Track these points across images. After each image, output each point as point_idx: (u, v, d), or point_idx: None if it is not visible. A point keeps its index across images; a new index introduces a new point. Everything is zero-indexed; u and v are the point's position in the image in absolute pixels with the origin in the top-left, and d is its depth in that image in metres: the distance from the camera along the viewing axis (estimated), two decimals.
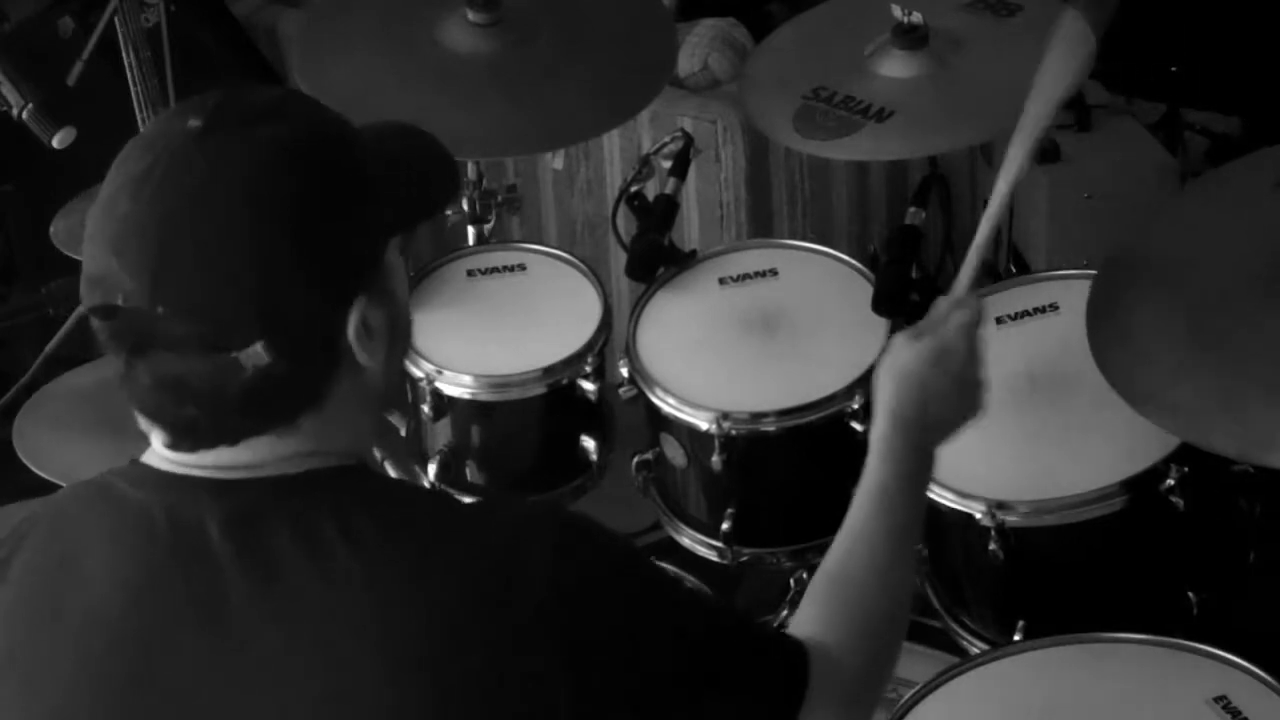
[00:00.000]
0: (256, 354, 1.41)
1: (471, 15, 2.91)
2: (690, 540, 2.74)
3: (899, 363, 1.82)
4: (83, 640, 1.46)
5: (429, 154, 1.58)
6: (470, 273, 2.95)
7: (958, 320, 1.85)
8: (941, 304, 1.87)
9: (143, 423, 1.48)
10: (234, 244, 1.41)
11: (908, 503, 1.77)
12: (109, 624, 1.45)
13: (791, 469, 2.65)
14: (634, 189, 2.87)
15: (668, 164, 2.90)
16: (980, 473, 2.36)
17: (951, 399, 1.83)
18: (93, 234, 1.45)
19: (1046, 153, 3.28)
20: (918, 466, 1.79)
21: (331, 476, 1.48)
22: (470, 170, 3.10)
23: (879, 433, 1.80)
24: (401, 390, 1.54)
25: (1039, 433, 2.40)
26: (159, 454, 1.50)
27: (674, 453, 2.68)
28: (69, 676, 1.46)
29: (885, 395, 1.81)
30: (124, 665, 1.45)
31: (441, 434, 2.82)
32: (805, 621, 1.69)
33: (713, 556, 2.71)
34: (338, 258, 1.44)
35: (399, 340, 1.53)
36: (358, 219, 1.46)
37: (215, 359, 1.41)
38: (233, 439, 1.46)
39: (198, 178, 1.42)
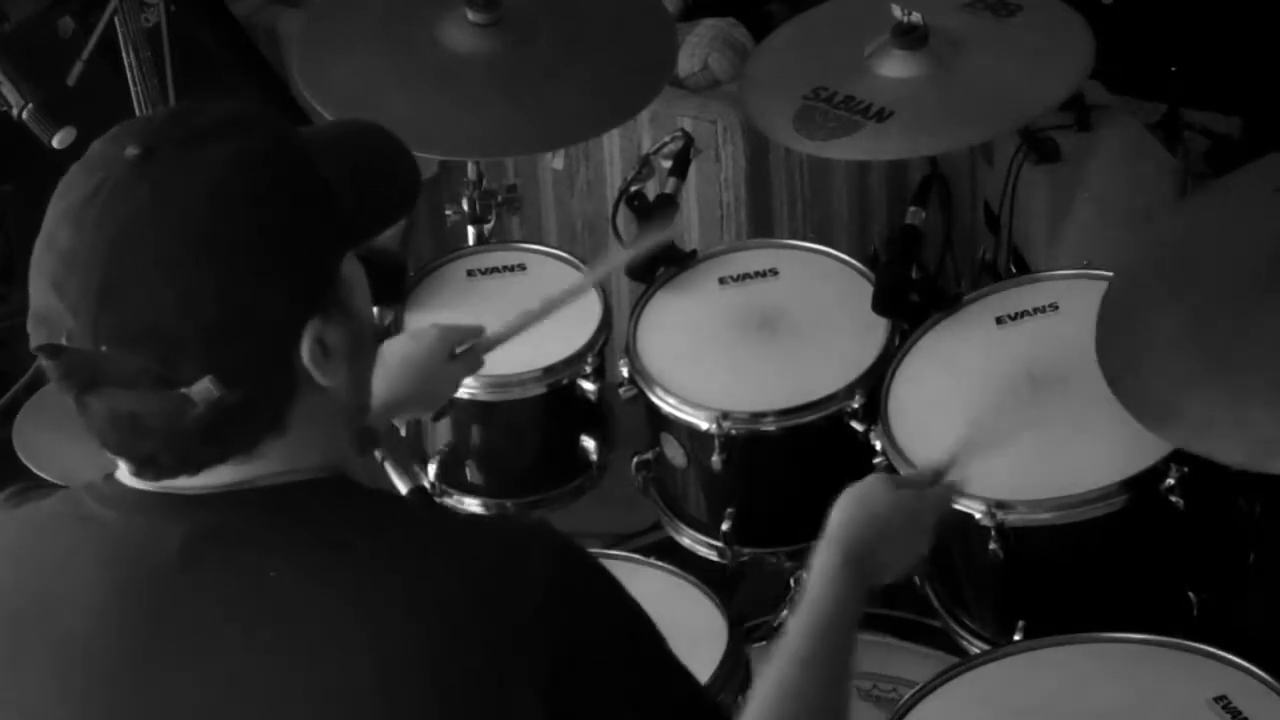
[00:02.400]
0: (206, 388, 1.37)
1: (471, 15, 2.90)
2: (690, 540, 2.74)
3: (870, 501, 1.84)
4: (62, 667, 1.43)
5: (385, 157, 1.51)
6: (470, 273, 2.94)
7: (940, 494, 1.94)
8: (927, 467, 1.97)
9: (108, 454, 1.46)
10: (176, 271, 1.36)
11: (840, 629, 1.74)
12: (87, 650, 1.43)
13: (791, 469, 2.65)
14: (634, 189, 2.87)
15: (668, 164, 2.90)
16: (980, 473, 2.36)
17: (898, 552, 1.85)
18: (35, 269, 1.41)
19: (1047, 152, 3.27)
20: (853, 599, 1.77)
21: (308, 489, 1.46)
22: (470, 170, 3.10)
23: (824, 564, 1.78)
24: (368, 401, 1.50)
25: (1039, 433, 2.40)
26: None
27: (674, 453, 2.68)
28: (53, 704, 1.44)
29: (839, 527, 1.82)
30: (109, 692, 1.42)
31: (441, 434, 2.82)
32: None
33: (713, 556, 2.70)
34: (289, 277, 1.40)
35: (364, 355, 1.49)
36: (309, 233, 1.42)
37: (166, 395, 1.37)
38: (194, 469, 1.43)
39: (140, 205, 1.38)
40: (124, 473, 1.47)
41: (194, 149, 1.40)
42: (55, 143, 2.82)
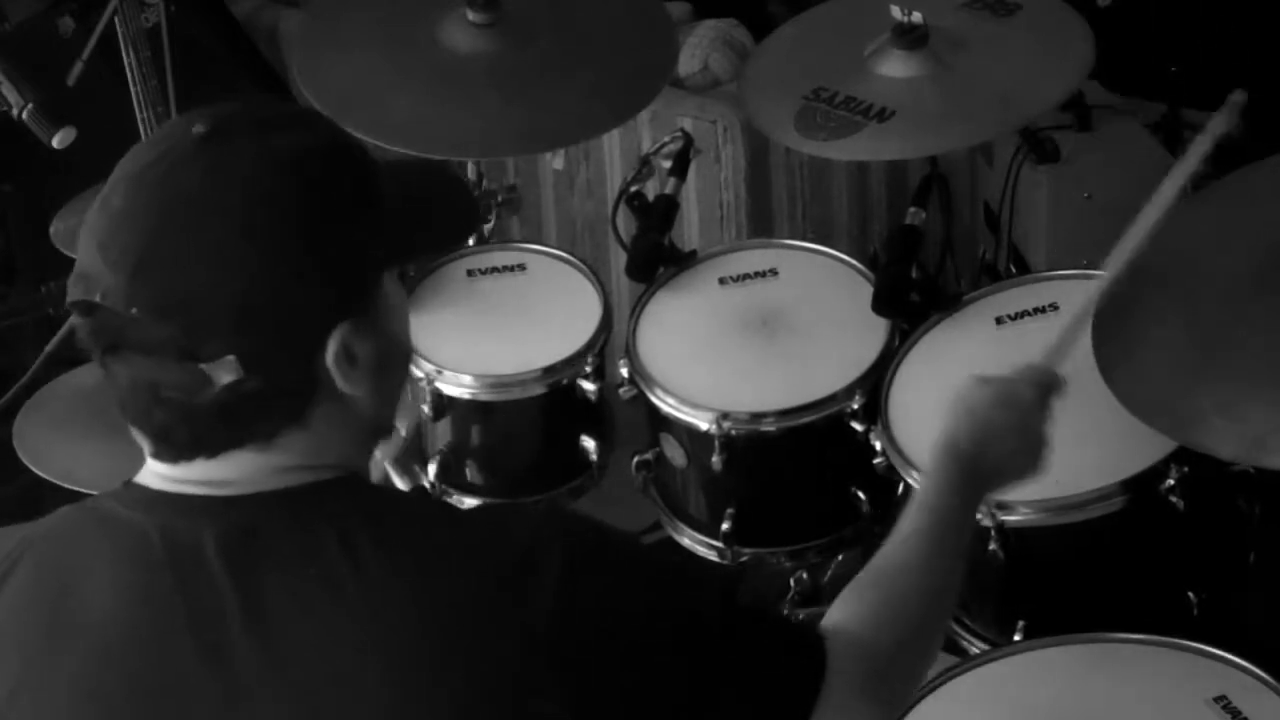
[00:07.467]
0: (227, 367, 1.39)
1: (471, 15, 2.91)
2: (690, 540, 2.74)
3: (966, 399, 1.88)
4: (88, 669, 1.44)
5: (446, 192, 1.56)
6: (470, 273, 2.95)
7: (1032, 375, 1.93)
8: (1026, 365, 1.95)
9: (133, 430, 1.47)
10: (218, 249, 1.39)
11: (948, 520, 1.79)
12: (112, 652, 1.44)
13: (791, 469, 2.65)
14: (634, 189, 2.87)
15: (668, 164, 2.90)
16: None
17: (1010, 444, 1.87)
18: (85, 230, 1.44)
19: (1046, 153, 3.27)
20: (965, 493, 1.82)
21: (325, 489, 1.47)
22: (470, 170, 3.10)
23: (934, 458, 1.84)
24: (392, 418, 1.52)
25: None
26: (152, 470, 1.49)
27: (674, 453, 2.68)
28: (78, 706, 1.44)
29: (947, 426, 1.86)
30: (131, 694, 1.43)
31: (441, 434, 2.82)
32: (833, 610, 1.70)
33: (713, 556, 2.71)
34: (326, 277, 1.42)
35: (391, 373, 1.51)
36: (353, 240, 1.44)
37: (186, 368, 1.39)
38: (210, 451, 1.45)
39: (194, 179, 1.41)
40: (146, 473, 1.49)
41: (259, 137, 1.43)
42: (55, 143, 2.82)
